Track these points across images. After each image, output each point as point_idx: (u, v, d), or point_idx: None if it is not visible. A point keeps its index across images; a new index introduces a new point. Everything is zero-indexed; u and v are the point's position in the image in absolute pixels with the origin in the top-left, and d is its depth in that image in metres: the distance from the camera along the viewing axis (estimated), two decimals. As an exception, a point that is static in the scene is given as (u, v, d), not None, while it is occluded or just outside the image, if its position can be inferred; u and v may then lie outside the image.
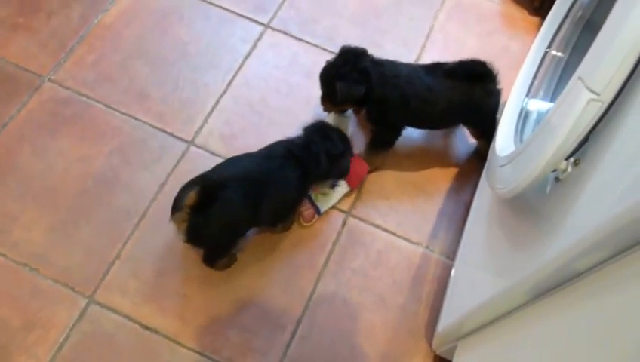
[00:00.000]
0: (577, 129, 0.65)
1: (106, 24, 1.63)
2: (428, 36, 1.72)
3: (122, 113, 1.49)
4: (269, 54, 1.63)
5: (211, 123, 1.50)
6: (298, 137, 1.31)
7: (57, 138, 1.45)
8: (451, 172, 1.51)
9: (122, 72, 1.56)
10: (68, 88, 1.52)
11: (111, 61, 1.57)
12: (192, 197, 1.13)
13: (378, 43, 1.68)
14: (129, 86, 1.54)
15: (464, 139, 1.56)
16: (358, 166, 1.43)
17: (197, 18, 1.67)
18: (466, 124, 1.48)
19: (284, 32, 1.67)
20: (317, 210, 1.40)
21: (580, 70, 0.67)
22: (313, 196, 1.41)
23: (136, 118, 1.49)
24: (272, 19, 1.69)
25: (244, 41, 1.64)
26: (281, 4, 1.72)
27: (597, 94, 0.63)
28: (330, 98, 1.41)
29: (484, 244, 1.07)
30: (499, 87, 1.41)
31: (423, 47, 1.70)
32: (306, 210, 1.40)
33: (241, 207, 1.18)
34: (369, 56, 1.39)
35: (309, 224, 1.40)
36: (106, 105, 1.50)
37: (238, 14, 1.69)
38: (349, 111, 1.51)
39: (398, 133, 1.47)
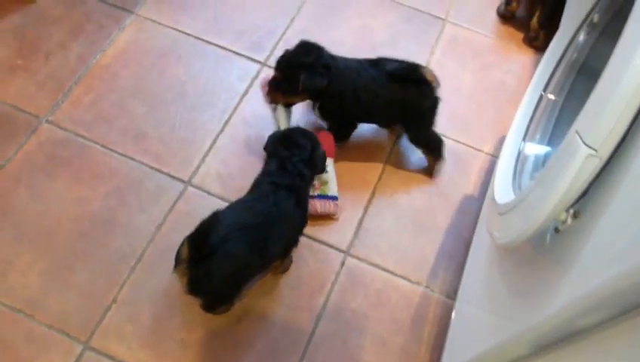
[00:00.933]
0: (576, 184, 0.65)
1: (103, 65, 1.64)
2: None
3: (119, 154, 1.49)
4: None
5: (208, 162, 1.50)
6: (269, 164, 1.30)
7: (54, 179, 1.44)
8: (450, 208, 1.51)
9: (119, 112, 1.56)
10: (65, 129, 1.52)
11: (108, 101, 1.58)
12: (184, 252, 1.13)
13: (375, 79, 1.69)
14: (126, 126, 1.54)
15: (460, 176, 1.56)
16: (325, 139, 1.45)
17: (194, 57, 1.68)
18: (405, 124, 1.50)
19: (280, 70, 1.68)
20: (334, 199, 1.44)
21: (578, 124, 0.67)
22: (320, 193, 1.42)
23: (133, 159, 1.49)
24: (268, 57, 1.70)
25: (241, 79, 1.65)
26: (277, 42, 1.74)
27: (594, 150, 0.63)
28: (284, 88, 1.41)
29: (484, 287, 1.06)
30: (436, 90, 1.45)
31: (420, 83, 1.70)
32: (327, 206, 1.42)
33: (248, 256, 1.16)
34: (327, 50, 1.43)
35: (337, 215, 1.44)
36: (102, 146, 1.50)
37: (234, 52, 1.70)
38: (280, 110, 1.47)
39: (353, 127, 1.53)
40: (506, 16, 1.87)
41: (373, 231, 1.45)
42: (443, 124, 1.62)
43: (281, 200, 1.22)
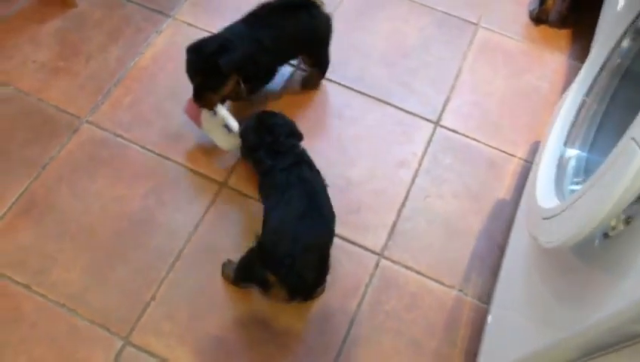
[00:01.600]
0: (631, 189, 0.65)
1: (141, 67, 1.68)
2: (457, 77, 1.74)
3: (157, 154, 1.52)
4: (299, 95, 1.65)
5: (239, 170, 1.52)
6: (265, 159, 1.34)
7: (94, 179, 1.48)
8: (483, 212, 1.51)
9: (157, 113, 1.60)
10: (105, 130, 1.56)
11: (146, 103, 1.61)
12: (271, 277, 1.17)
13: (407, 83, 1.71)
14: (164, 127, 1.57)
15: (492, 181, 1.56)
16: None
17: (230, 60, 1.70)
18: (306, 52, 1.60)
19: (314, 74, 1.70)
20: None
21: (633, 131, 0.67)
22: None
23: (170, 159, 1.52)
24: (301, 61, 1.72)
25: (274, 82, 1.67)
26: (312, 46, 1.76)
27: (650, 156, 0.64)
28: (212, 85, 1.42)
29: (523, 292, 1.07)
30: (323, 9, 1.53)
31: (453, 88, 1.71)
32: None
33: (319, 237, 1.23)
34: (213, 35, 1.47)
35: None
36: (141, 147, 1.53)
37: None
38: (221, 109, 1.47)
39: (274, 73, 1.59)
40: (541, 19, 1.88)
41: (406, 234, 1.46)
42: (476, 128, 1.64)
43: (302, 175, 1.29)
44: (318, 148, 1.56)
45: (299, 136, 1.40)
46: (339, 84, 1.68)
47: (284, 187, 1.27)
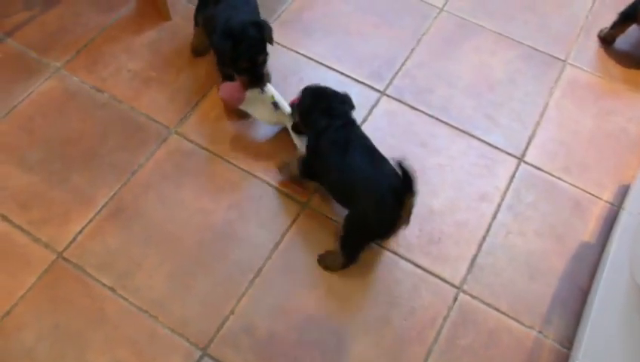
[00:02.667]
0: None
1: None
2: (543, 113, 1.71)
3: (241, 169, 1.55)
4: (384, 121, 1.66)
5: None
6: (319, 121, 1.40)
7: (180, 188, 1.52)
8: (566, 253, 1.47)
9: (243, 129, 1.63)
10: (192, 141, 1.60)
11: (232, 118, 1.64)
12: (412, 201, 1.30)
13: (492, 116, 1.69)
14: (249, 143, 1.60)
15: (577, 222, 1.52)
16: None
17: (315, 80, 1.71)
18: None
19: (399, 100, 1.70)
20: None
21: None
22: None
23: (254, 175, 1.54)
24: (387, 86, 1.73)
25: (359, 106, 1.66)
26: (397, 72, 1.76)
27: None
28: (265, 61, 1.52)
29: (621, 342, 1.03)
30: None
31: (538, 124, 1.68)
32: None
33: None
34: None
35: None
36: (226, 161, 1.56)
37: (354, 79, 1.74)
38: (270, 87, 1.57)
39: None
40: (606, 40, 1.86)
41: (487, 269, 1.43)
42: (561, 167, 1.60)
43: (358, 133, 1.41)
44: (401, 175, 1.55)
45: (350, 104, 1.46)
46: (424, 112, 1.68)
47: (345, 142, 1.36)
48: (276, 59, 1.76)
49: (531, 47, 1.85)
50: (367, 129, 1.62)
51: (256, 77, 1.51)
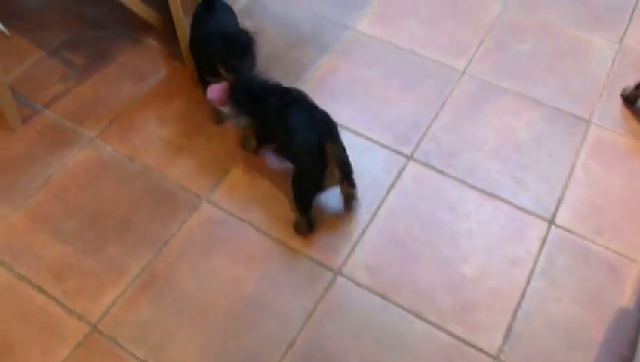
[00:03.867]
0: None
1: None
2: (570, 174, 1.71)
3: (273, 238, 1.56)
4: (412, 186, 1.67)
5: (357, 253, 1.54)
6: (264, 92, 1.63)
7: (212, 257, 1.53)
8: (604, 320, 1.44)
9: (272, 195, 1.65)
10: (224, 209, 1.62)
11: (263, 185, 1.67)
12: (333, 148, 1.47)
13: (519, 179, 1.69)
14: (280, 210, 1.62)
15: (613, 287, 1.50)
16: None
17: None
18: None
19: (426, 164, 1.72)
20: None
21: None
22: None
23: (285, 243, 1.55)
24: (414, 150, 1.75)
25: (387, 171, 1.70)
26: (423, 136, 1.79)
27: None
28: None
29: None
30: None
31: (566, 185, 1.68)
32: None
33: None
34: None
35: None
36: (257, 229, 1.58)
37: (381, 144, 1.77)
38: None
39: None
40: (629, 100, 1.88)
41: (523, 338, 1.41)
42: (593, 229, 1.59)
43: (292, 95, 1.61)
44: (431, 243, 1.55)
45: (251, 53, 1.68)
46: (451, 176, 1.69)
47: (282, 110, 1.56)
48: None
49: (554, 108, 1.88)
50: (395, 194, 1.65)
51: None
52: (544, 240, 1.58)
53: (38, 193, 1.65)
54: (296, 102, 1.58)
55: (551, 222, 1.61)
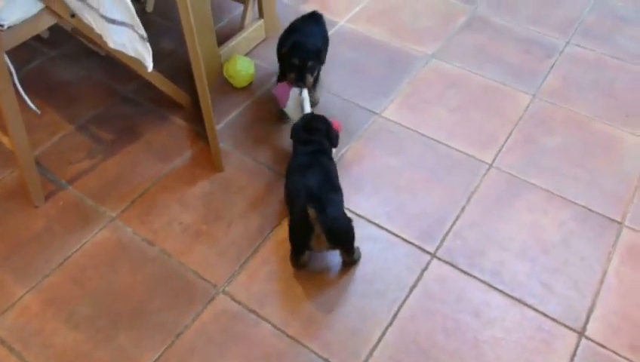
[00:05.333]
0: None
1: (279, 239, 1.72)
2: (601, 281, 1.64)
3: (288, 336, 1.51)
4: (436, 286, 1.61)
5: (376, 357, 1.47)
6: (296, 146, 1.77)
7: (226, 354, 1.47)
8: None
9: (287, 288, 1.60)
10: (239, 302, 1.57)
11: (281, 278, 1.63)
12: (312, 215, 1.44)
13: (547, 283, 1.62)
14: (296, 307, 1.56)
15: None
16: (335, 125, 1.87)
17: (365, 241, 1.71)
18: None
19: (450, 264, 1.66)
20: None
21: None
22: None
23: (301, 343, 1.49)
24: (438, 248, 1.70)
25: (410, 270, 1.65)
26: (447, 232, 1.74)
27: None
28: (313, 67, 1.95)
29: None
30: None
31: (598, 293, 1.61)
32: None
33: (337, 196, 1.63)
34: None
35: None
36: (273, 326, 1.53)
37: (404, 239, 1.72)
38: (305, 92, 1.92)
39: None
40: None
41: None
42: (627, 345, 1.50)
43: (318, 159, 1.68)
44: (454, 351, 1.48)
45: (330, 140, 1.78)
46: (476, 278, 1.63)
47: (306, 166, 1.66)
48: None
49: (585, 208, 1.82)
50: (417, 294, 1.59)
51: (301, 78, 1.89)
52: (574, 354, 1.49)
53: (54, 274, 1.63)
54: (322, 165, 1.68)
55: (581, 333, 1.53)
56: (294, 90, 1.91)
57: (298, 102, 1.91)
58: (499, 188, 1.87)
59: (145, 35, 1.48)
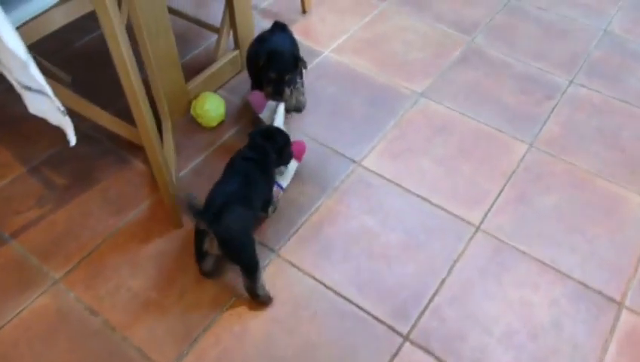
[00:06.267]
0: None
1: (235, 312, 1.54)
2: (596, 375, 1.45)
3: None
4: (406, 378, 1.44)
5: None
6: (248, 146, 1.67)
7: None
8: None
9: (244, 375, 1.43)
10: (185, 391, 1.41)
11: (235, 360, 1.45)
12: (201, 224, 1.44)
13: (534, 377, 1.44)
14: (248, 396, 1.39)
15: None
16: (297, 146, 1.82)
17: (331, 316, 1.53)
18: None
19: (425, 349, 1.48)
20: (280, 187, 1.78)
21: None
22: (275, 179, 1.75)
23: None
24: (412, 328, 1.52)
25: (378, 353, 1.47)
26: (424, 310, 1.55)
27: None
28: (291, 80, 1.90)
29: None
30: None
31: (590, 391, 1.42)
32: (275, 191, 1.74)
33: (243, 210, 1.49)
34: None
35: (277, 199, 1.76)
36: (220, 420, 1.36)
37: (375, 318, 1.54)
38: (280, 105, 1.88)
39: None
40: None
41: None
42: None
43: (250, 170, 1.58)
44: None
45: (280, 155, 1.69)
46: (452, 370, 1.45)
47: (231, 166, 1.62)
48: (290, 286, 1.60)
49: (580, 283, 1.62)
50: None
51: (278, 91, 1.85)
52: None
53: (-17, 347, 1.47)
54: (248, 170, 1.59)
55: None
56: (271, 103, 1.88)
57: (272, 113, 1.88)
58: (485, 256, 1.68)
59: (62, 107, 1.27)
